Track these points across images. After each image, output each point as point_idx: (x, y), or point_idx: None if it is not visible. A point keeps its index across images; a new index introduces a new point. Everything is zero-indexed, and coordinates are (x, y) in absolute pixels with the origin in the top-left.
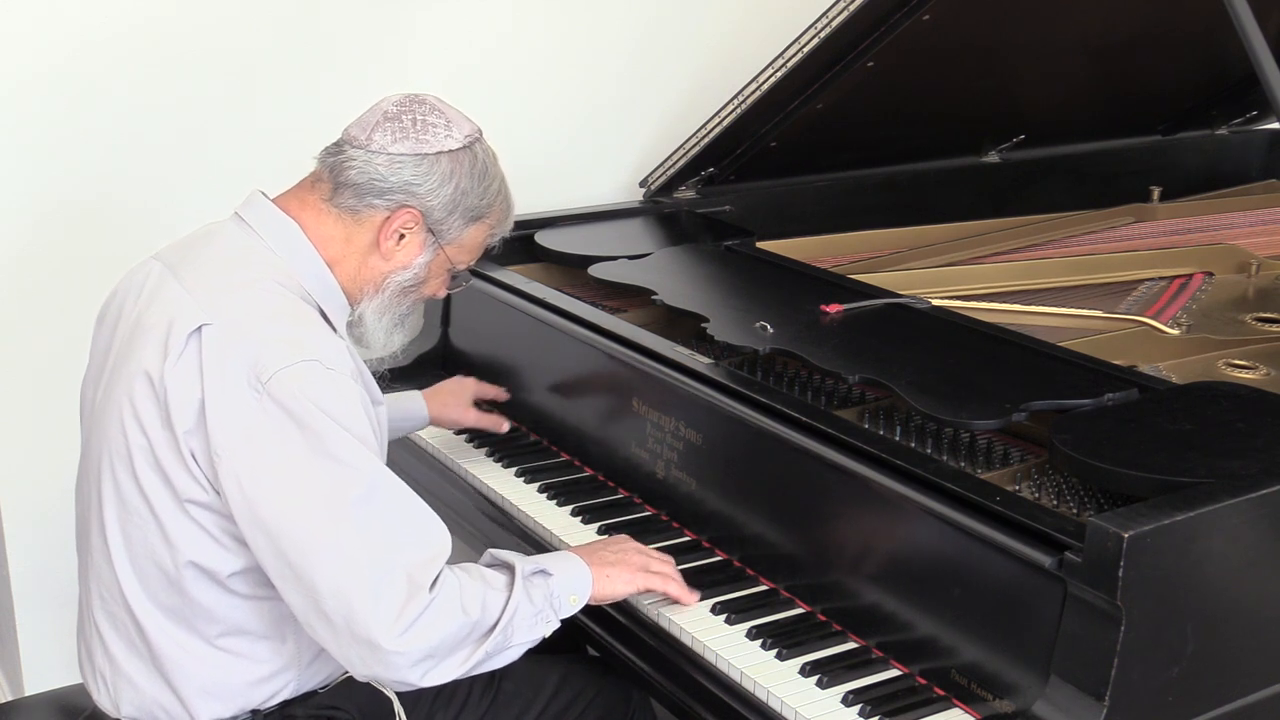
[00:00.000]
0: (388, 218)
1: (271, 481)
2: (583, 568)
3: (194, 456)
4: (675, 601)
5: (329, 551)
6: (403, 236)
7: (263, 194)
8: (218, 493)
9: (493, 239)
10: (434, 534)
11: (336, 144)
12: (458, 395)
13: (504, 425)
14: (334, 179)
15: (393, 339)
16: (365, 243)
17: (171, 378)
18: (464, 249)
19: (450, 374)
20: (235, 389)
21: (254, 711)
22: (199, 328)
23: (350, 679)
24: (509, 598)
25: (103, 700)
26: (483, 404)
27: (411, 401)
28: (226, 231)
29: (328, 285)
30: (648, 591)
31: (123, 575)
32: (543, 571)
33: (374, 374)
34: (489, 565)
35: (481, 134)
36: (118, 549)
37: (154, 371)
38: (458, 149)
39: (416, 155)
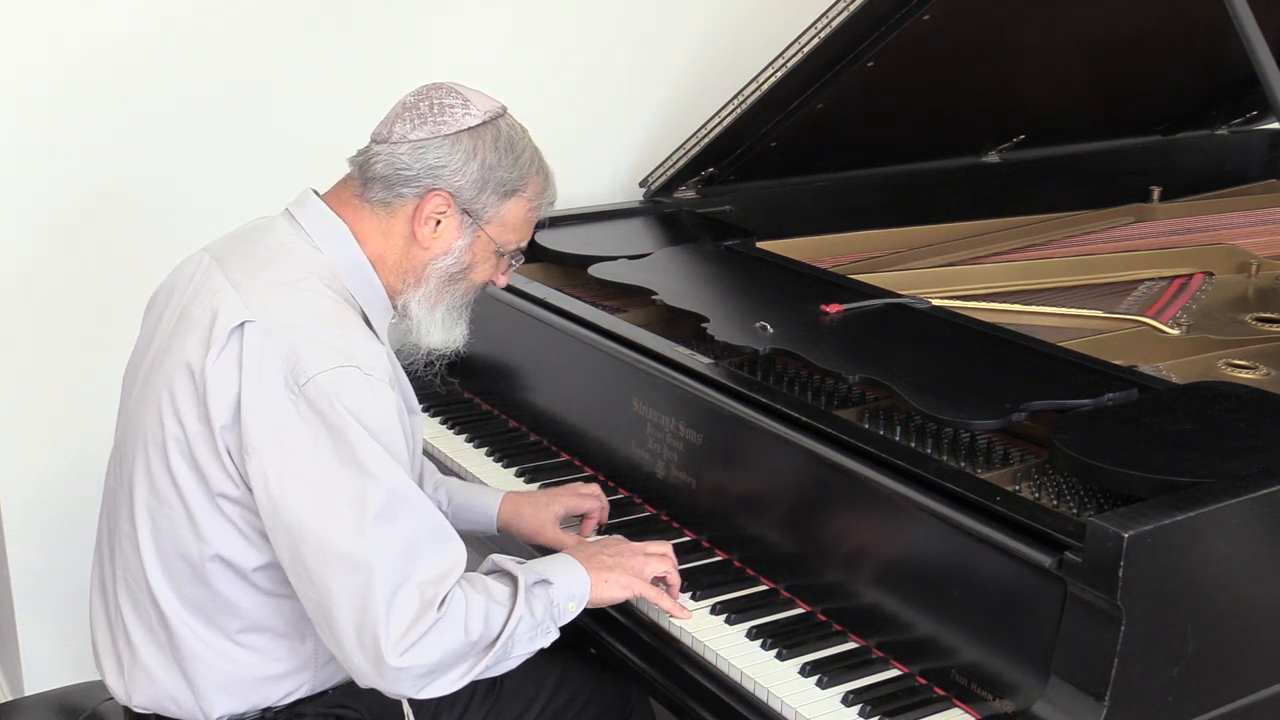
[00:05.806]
0: (419, 204)
1: (297, 484)
2: (581, 573)
3: (229, 452)
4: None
5: (345, 561)
6: (438, 222)
7: (314, 192)
8: (249, 489)
9: (536, 213)
10: (450, 552)
11: (364, 146)
12: (537, 508)
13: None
14: (362, 176)
15: (453, 333)
16: (403, 234)
17: (212, 372)
18: (506, 227)
19: (452, 376)
20: (272, 388)
21: (265, 709)
22: (241, 324)
23: None
24: (511, 611)
25: (115, 686)
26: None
27: (484, 498)
28: (276, 228)
29: (372, 285)
30: (642, 599)
31: (149, 564)
32: (544, 581)
33: (427, 366)
34: (490, 573)
35: (506, 110)
36: (146, 538)
37: (195, 364)
38: (478, 125)
39: (436, 138)
